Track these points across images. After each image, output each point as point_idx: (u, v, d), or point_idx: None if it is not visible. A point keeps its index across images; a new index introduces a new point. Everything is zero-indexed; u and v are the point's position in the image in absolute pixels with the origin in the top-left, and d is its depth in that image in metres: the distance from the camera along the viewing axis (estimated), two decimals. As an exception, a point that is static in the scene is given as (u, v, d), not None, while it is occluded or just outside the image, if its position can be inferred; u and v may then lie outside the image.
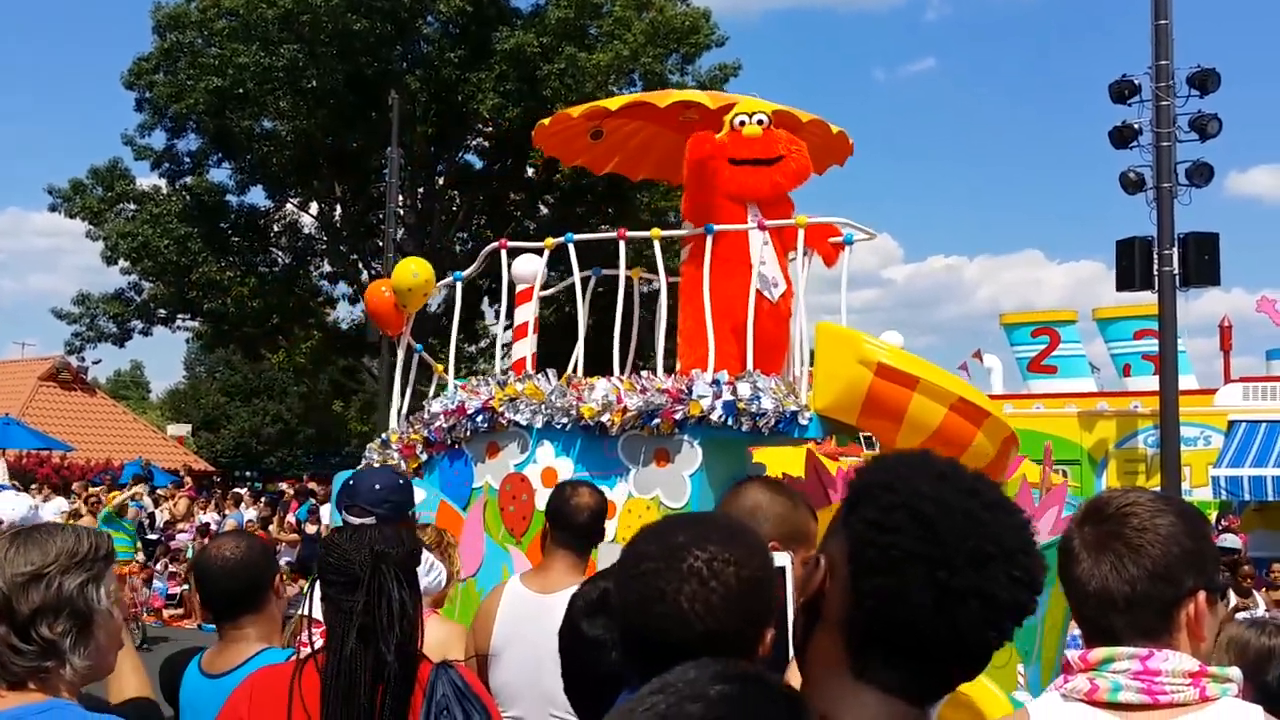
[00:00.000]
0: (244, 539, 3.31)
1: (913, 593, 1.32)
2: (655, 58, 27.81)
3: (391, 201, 24.53)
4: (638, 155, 8.15)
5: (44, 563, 2.22)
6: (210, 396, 52.67)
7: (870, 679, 1.36)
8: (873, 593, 1.34)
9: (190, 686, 3.25)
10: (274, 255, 31.55)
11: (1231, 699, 1.86)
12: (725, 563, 1.64)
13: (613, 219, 28.93)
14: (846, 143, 7.43)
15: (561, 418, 6.12)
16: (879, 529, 1.35)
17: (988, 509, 1.36)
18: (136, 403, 56.70)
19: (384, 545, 2.64)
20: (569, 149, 7.99)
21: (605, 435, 6.01)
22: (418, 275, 7.23)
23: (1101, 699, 1.83)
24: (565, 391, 6.23)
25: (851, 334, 5.75)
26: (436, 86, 27.83)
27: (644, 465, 5.90)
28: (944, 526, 1.33)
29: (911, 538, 1.33)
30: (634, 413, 5.90)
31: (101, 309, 30.29)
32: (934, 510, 1.34)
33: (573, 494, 3.85)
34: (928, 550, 1.32)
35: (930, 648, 1.34)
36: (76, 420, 34.15)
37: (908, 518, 1.34)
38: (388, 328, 7.54)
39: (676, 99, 7.16)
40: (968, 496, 1.36)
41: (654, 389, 5.94)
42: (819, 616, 1.42)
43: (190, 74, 27.86)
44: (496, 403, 6.34)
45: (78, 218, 29.46)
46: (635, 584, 1.66)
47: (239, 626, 3.19)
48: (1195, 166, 16.41)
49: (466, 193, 30.81)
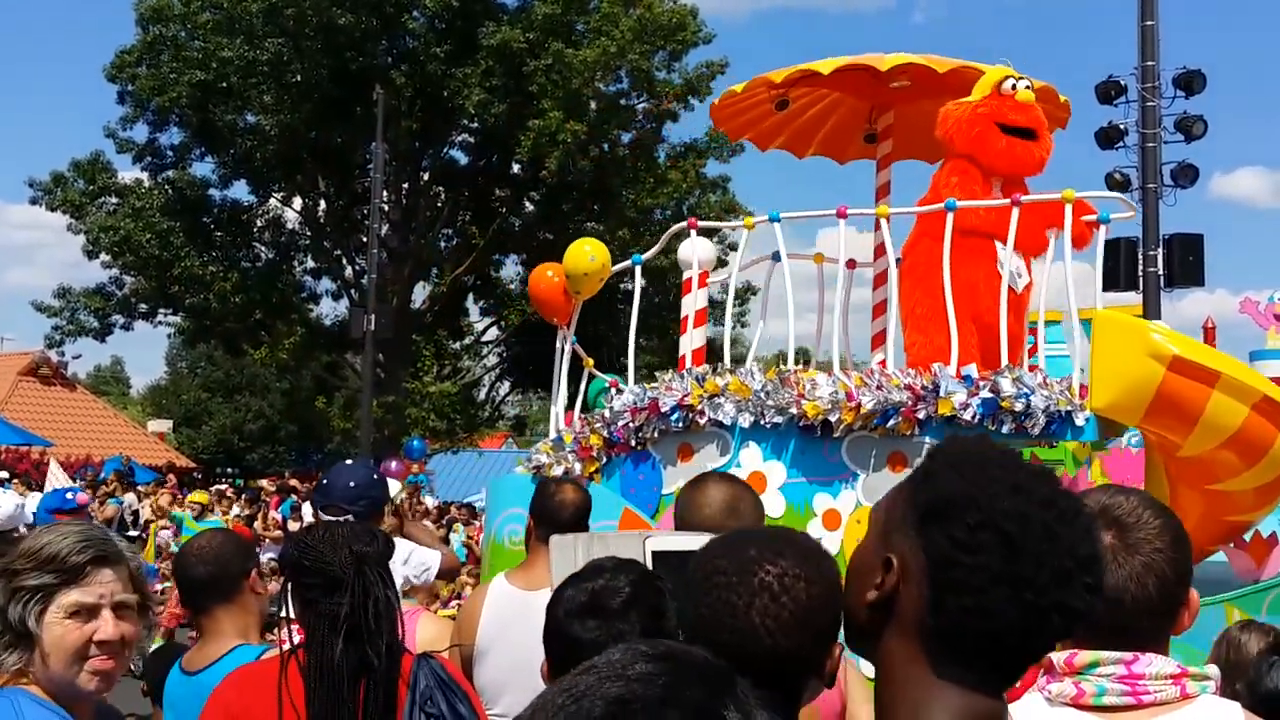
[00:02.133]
0: (221, 533, 3.33)
1: (999, 612, 1.36)
2: (642, 54, 27.77)
3: (376, 197, 24.46)
4: (809, 130, 7.57)
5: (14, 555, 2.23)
6: (192, 392, 52.44)
7: (951, 677, 1.39)
8: (957, 608, 1.38)
9: (170, 684, 3.23)
10: (257, 250, 31.42)
11: (1210, 696, 1.90)
12: (796, 578, 1.67)
13: (598, 216, 28.93)
14: (1067, 111, 6.87)
15: (775, 416, 5.49)
16: (964, 549, 1.37)
17: (1063, 520, 1.38)
18: (117, 398, 56.46)
19: (362, 545, 2.61)
20: (745, 122, 7.36)
21: (827, 436, 5.41)
22: (594, 259, 6.55)
23: (1087, 703, 1.86)
24: (778, 387, 5.55)
25: (1136, 324, 5.20)
26: (422, 82, 27.76)
27: (875, 470, 5.31)
28: (1029, 547, 1.36)
29: (999, 559, 1.35)
30: (868, 411, 5.28)
31: (82, 303, 30.13)
32: (1018, 530, 1.36)
33: (557, 491, 3.82)
34: (1014, 571, 1.35)
35: (1011, 653, 1.40)
36: (56, 416, 33.95)
37: (994, 539, 1.36)
38: (553, 315, 6.89)
39: (896, 63, 6.43)
40: (1045, 509, 1.38)
41: (891, 385, 5.31)
42: (892, 614, 1.44)
43: (173, 67, 27.75)
44: (695, 400, 5.69)
45: (59, 211, 29.29)
46: (707, 597, 1.68)
47: (213, 618, 3.18)
48: (1180, 167, 16.47)
49: (451, 189, 30.75)
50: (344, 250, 31.04)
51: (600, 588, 2.08)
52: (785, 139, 7.65)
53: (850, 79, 6.71)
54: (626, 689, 0.90)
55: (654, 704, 0.89)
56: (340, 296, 31.93)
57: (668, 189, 28.84)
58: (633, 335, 7.15)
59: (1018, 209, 5.66)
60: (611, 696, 0.89)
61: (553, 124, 26.21)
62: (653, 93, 29.30)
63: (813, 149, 7.76)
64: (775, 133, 7.58)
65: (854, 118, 7.41)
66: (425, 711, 2.56)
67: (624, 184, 28.81)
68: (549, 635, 2.13)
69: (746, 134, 7.52)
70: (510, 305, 30.33)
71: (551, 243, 30.08)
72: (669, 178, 29.00)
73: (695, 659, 0.97)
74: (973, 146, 5.95)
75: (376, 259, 24.69)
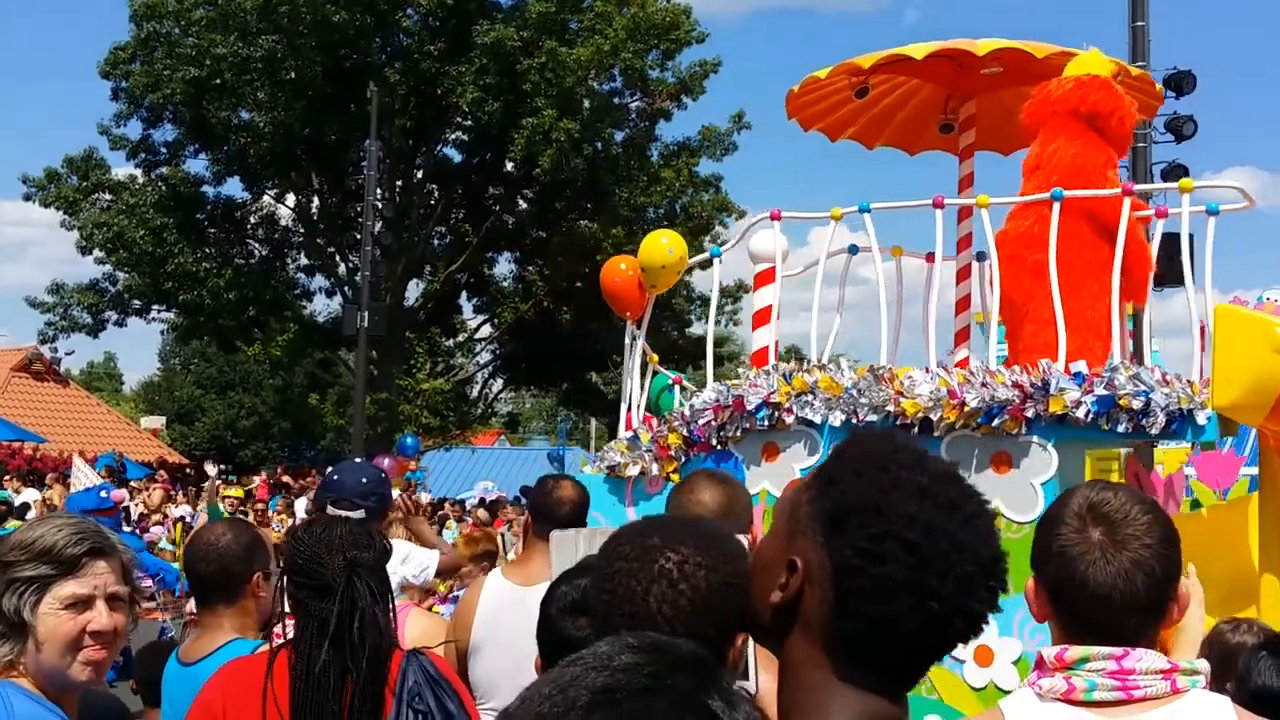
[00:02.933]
0: (233, 529, 3.27)
1: (903, 619, 1.35)
2: (636, 53, 27.78)
3: (370, 194, 24.44)
4: (882, 120, 7.34)
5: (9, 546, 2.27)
6: (185, 389, 52.32)
7: (852, 680, 1.39)
8: (861, 615, 1.37)
9: (168, 674, 3.26)
10: (250, 247, 31.35)
11: (1200, 690, 1.91)
12: (697, 566, 1.64)
13: (592, 214, 28.94)
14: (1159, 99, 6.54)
15: (869, 414, 5.24)
16: (869, 558, 1.36)
17: (967, 526, 1.38)
18: (110, 395, 56.32)
19: (357, 550, 2.62)
20: (818, 112, 7.11)
21: (924, 436, 5.13)
22: (673, 251, 6.21)
23: (1078, 698, 1.86)
24: (872, 384, 5.28)
25: (1261, 318, 4.82)
26: (416, 79, 27.74)
27: (977, 471, 5.05)
28: (933, 556, 1.35)
29: (903, 569, 1.34)
30: (972, 410, 5.03)
31: (76, 299, 30.05)
32: (923, 540, 1.35)
33: (555, 487, 3.86)
34: (919, 580, 1.34)
35: (913, 657, 1.40)
36: (49, 412, 33.90)
37: (898, 548, 1.35)
38: (626, 309, 6.53)
39: (992, 47, 6.17)
40: (949, 514, 1.37)
41: (996, 382, 5.04)
42: (795, 616, 1.43)
43: (167, 64, 27.69)
44: (782, 397, 5.43)
45: (52, 207, 29.21)
46: (608, 583, 1.67)
47: (215, 613, 3.19)
48: (1170, 168, 16.52)
49: (445, 186, 30.72)
50: (337, 247, 31.00)
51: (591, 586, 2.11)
52: (857, 129, 7.45)
53: (933, 66, 6.51)
54: (612, 679, 0.91)
55: (640, 693, 0.90)
56: (334, 293, 31.92)
57: (661, 187, 28.86)
58: (710, 330, 6.86)
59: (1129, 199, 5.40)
60: (597, 686, 0.90)
61: (546, 122, 26.21)
62: (646, 91, 29.32)
63: (883, 139, 7.58)
64: (848, 122, 7.38)
65: (929, 107, 7.23)
66: (413, 708, 2.56)
67: (617, 182, 28.81)
68: (541, 631, 2.16)
69: (818, 124, 7.29)
70: (503, 303, 30.34)
71: (545, 241, 30.10)
72: (662, 176, 29.01)
73: (680, 650, 0.98)
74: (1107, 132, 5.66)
75: (370, 256, 24.66)
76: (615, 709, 0.87)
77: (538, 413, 63.06)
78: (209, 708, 2.64)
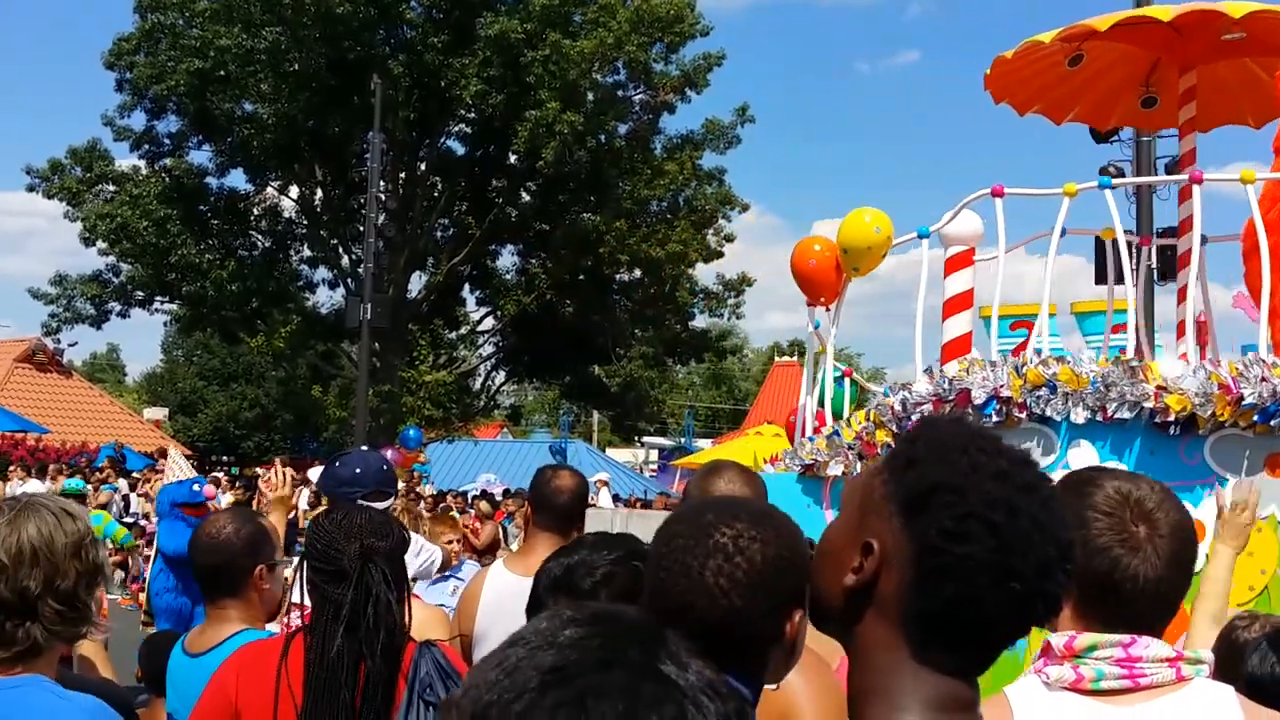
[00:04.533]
0: (235, 520, 3.25)
1: (986, 601, 1.36)
2: (640, 46, 27.76)
3: (373, 187, 24.43)
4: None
5: (85, 531, 2.28)
6: (188, 380, 52.37)
7: (930, 662, 1.39)
8: (944, 596, 1.37)
9: (173, 666, 3.26)
10: (254, 239, 31.39)
11: (1205, 679, 1.91)
12: (752, 540, 1.68)
13: (595, 207, 28.93)
14: None
15: (1121, 410, 4.81)
16: (952, 538, 1.36)
17: (1044, 507, 1.39)
18: (113, 386, 56.39)
19: (375, 538, 2.64)
20: (1028, 90, 6.76)
21: (1187, 434, 4.72)
22: (879, 230, 5.79)
23: (1085, 687, 1.87)
24: (1123, 377, 4.84)
25: None
26: (419, 72, 27.73)
27: (1248, 472, 4.62)
28: (1015, 537, 1.36)
29: (985, 549, 1.35)
30: (1248, 406, 4.59)
31: (79, 290, 30.07)
32: (1005, 520, 1.36)
33: (554, 477, 3.89)
34: (1001, 561, 1.35)
35: (992, 639, 1.40)
36: (52, 402, 33.92)
37: (981, 529, 1.36)
38: (819, 295, 6.07)
39: (1247, 10, 5.74)
40: (1028, 496, 1.38)
41: (1277, 376, 4.60)
42: (869, 599, 1.43)
43: (171, 55, 27.69)
44: (1015, 391, 5.04)
45: (56, 198, 29.23)
46: (665, 561, 1.69)
47: (220, 606, 3.19)
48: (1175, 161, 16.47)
49: (448, 179, 30.72)
50: (340, 239, 31.02)
51: (575, 564, 2.08)
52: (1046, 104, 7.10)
53: (1150, 33, 6.14)
54: (561, 656, 0.88)
55: (592, 667, 0.87)
56: (336, 285, 31.94)
57: (664, 181, 28.85)
58: (919, 316, 6.19)
59: None
60: (547, 666, 0.87)
61: (550, 115, 26.20)
62: (650, 84, 29.31)
63: (1074, 115, 7.23)
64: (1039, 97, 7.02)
65: (1129, 81, 6.89)
66: (424, 699, 2.57)
67: (620, 175, 28.81)
68: (529, 608, 2.18)
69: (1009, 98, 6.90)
70: (506, 295, 30.34)
71: (548, 233, 30.11)
72: (666, 169, 29.00)
73: (625, 617, 0.96)
74: None
75: (373, 248, 24.67)
76: (569, 687, 0.84)
77: (540, 405, 63.10)
78: (223, 688, 2.66)
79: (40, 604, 2.19)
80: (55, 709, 2.14)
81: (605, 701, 0.84)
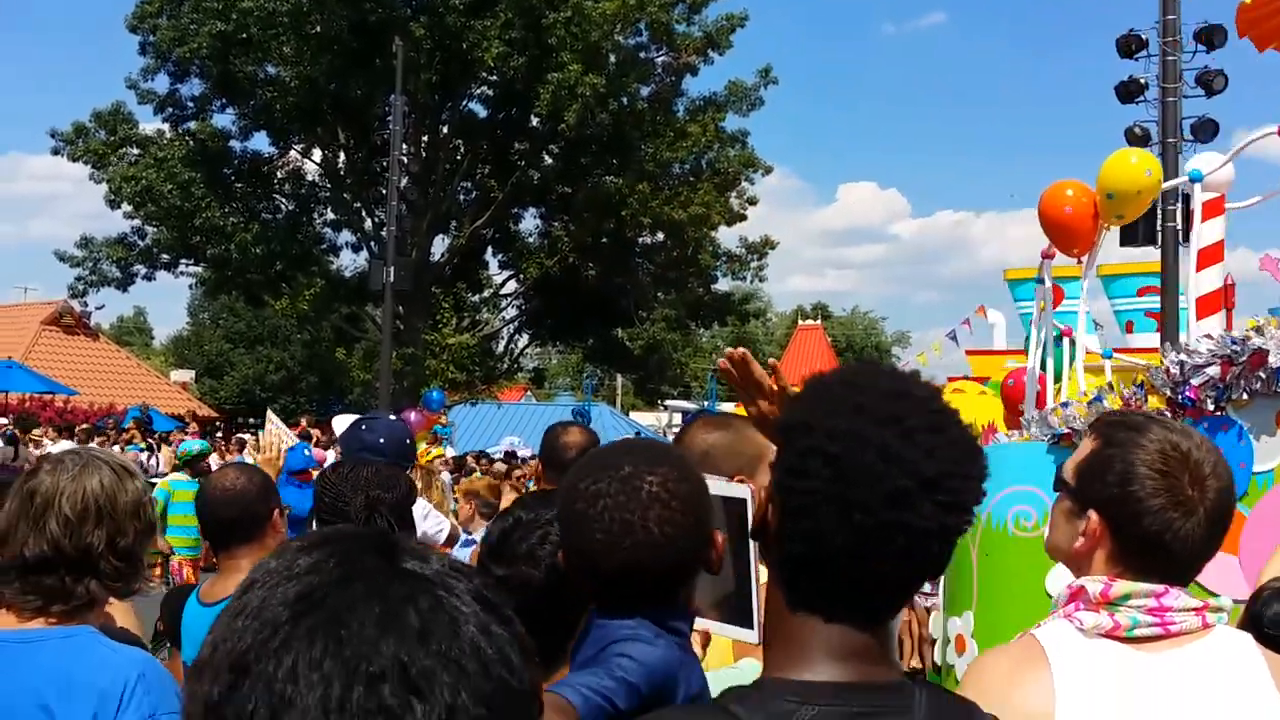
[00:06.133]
0: (245, 471, 3.36)
1: (831, 535, 1.32)
2: (662, 7, 27.58)
3: (395, 150, 24.42)
4: None
5: (144, 489, 2.37)
6: (214, 343, 52.74)
7: (810, 607, 1.36)
8: (796, 535, 1.35)
9: (188, 616, 3.33)
10: (277, 202, 31.48)
11: (1225, 626, 1.96)
12: (675, 480, 1.69)
13: (617, 169, 28.85)
14: None
15: None
16: (794, 474, 1.35)
17: (906, 438, 1.32)
18: (140, 349, 56.82)
19: (380, 489, 2.68)
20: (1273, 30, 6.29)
21: None
22: (1150, 173, 5.28)
23: (1120, 635, 1.90)
24: None
25: None
26: (441, 34, 27.62)
27: None
28: (855, 469, 1.31)
29: (823, 481, 1.32)
30: None
31: (105, 253, 30.26)
32: (844, 451, 1.32)
33: (562, 433, 3.94)
34: (841, 493, 1.31)
35: (861, 580, 1.34)
36: (79, 365, 34.27)
37: (819, 462, 1.33)
38: (1072, 245, 5.60)
39: None
40: (885, 427, 1.33)
41: None
42: (767, 547, 1.43)
43: (194, 18, 27.68)
44: None
45: (81, 161, 29.37)
46: (599, 524, 1.67)
47: (233, 556, 3.25)
48: (1200, 122, 16.33)
49: (470, 142, 30.68)
50: (363, 203, 31.06)
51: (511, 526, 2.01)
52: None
53: None
54: (301, 585, 0.86)
55: (336, 584, 0.85)
56: (360, 249, 32.04)
57: (687, 143, 28.73)
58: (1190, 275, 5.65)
59: None
60: (291, 597, 0.85)
61: (572, 77, 26.10)
62: (672, 46, 29.13)
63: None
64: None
65: None
66: None
67: (643, 138, 28.69)
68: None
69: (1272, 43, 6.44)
70: (529, 258, 30.36)
71: (570, 196, 30.06)
72: (688, 132, 28.87)
73: (351, 533, 0.94)
74: None
75: (396, 211, 24.69)
76: (320, 610, 0.83)
77: (564, 369, 63.25)
78: None
79: (102, 560, 2.25)
80: (108, 660, 2.19)
81: (359, 612, 0.83)
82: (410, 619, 0.84)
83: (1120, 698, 1.86)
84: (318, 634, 0.82)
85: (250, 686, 0.82)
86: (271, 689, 0.81)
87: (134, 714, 2.14)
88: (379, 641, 0.82)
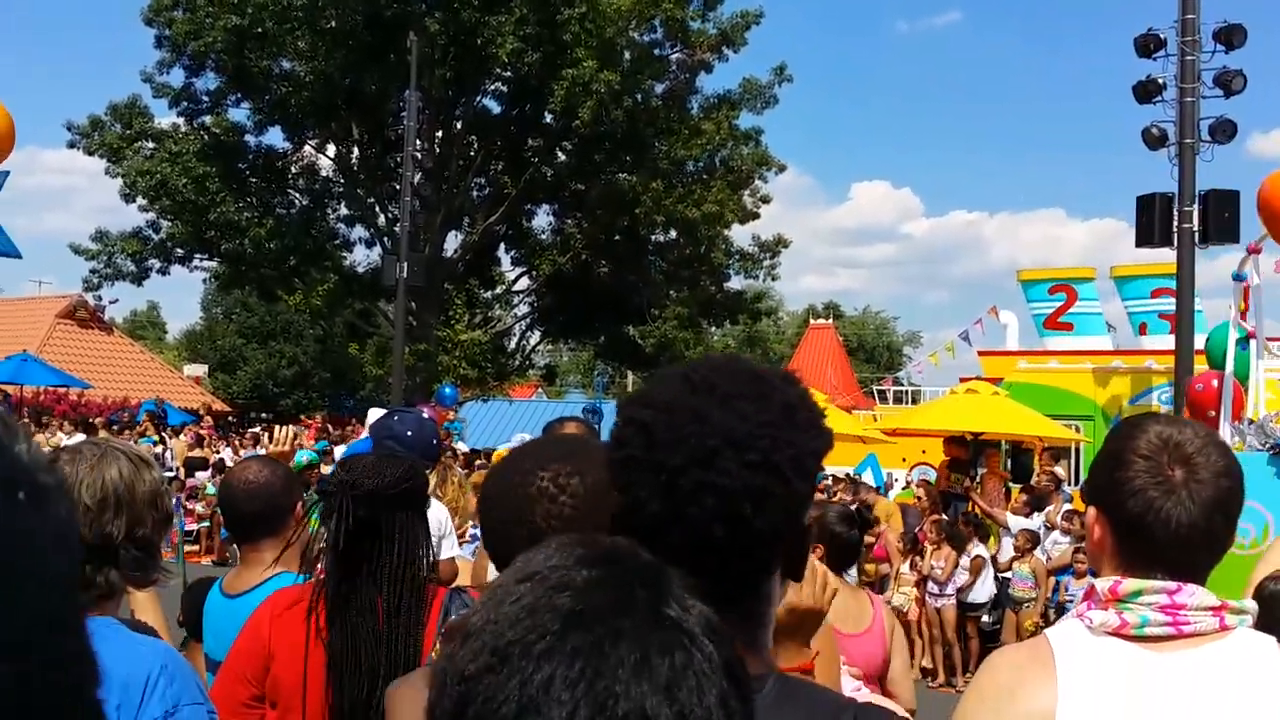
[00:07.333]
0: (267, 465, 3.37)
1: (646, 501, 1.33)
2: (677, 3, 27.57)
3: (409, 145, 24.46)
4: None
5: (161, 479, 2.38)
6: (227, 338, 52.87)
7: None
8: (624, 508, 1.37)
9: (211, 606, 3.34)
10: (291, 197, 31.55)
11: (1248, 629, 1.90)
12: (570, 475, 1.75)
13: (631, 167, 28.85)
14: None
15: None
16: (614, 444, 1.39)
17: (722, 403, 1.34)
18: (153, 343, 56.97)
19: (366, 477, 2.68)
20: None
21: None
22: None
23: (1129, 633, 1.86)
24: None
25: None
26: (455, 29, 27.64)
27: None
28: (665, 433, 1.33)
29: (634, 448, 1.35)
30: None
31: (119, 247, 30.32)
32: (654, 418, 1.35)
33: (559, 427, 3.96)
34: (648, 456, 1.33)
35: (680, 548, 1.27)
36: (94, 358, 34.38)
37: (632, 430, 1.36)
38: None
39: None
40: (701, 395, 1.35)
41: None
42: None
43: (209, 12, 27.74)
44: None
45: (96, 155, 29.45)
46: (495, 513, 1.77)
47: (258, 549, 3.27)
48: (1218, 123, 16.26)
49: (484, 138, 30.70)
50: (377, 198, 31.11)
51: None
52: None
53: None
54: (577, 599, 0.89)
55: (607, 613, 0.88)
56: (373, 244, 32.05)
57: (701, 140, 28.72)
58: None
59: None
60: (565, 610, 0.88)
61: (586, 74, 26.10)
62: (687, 43, 29.12)
63: None
64: None
65: None
66: None
67: (657, 135, 28.70)
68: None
69: None
70: (541, 255, 30.38)
71: (583, 193, 30.07)
72: (702, 129, 28.86)
73: (632, 558, 0.96)
74: None
75: (409, 207, 24.73)
76: (588, 633, 0.86)
77: (575, 366, 63.28)
78: (258, 632, 2.74)
79: (121, 550, 2.26)
80: (130, 651, 2.19)
81: (621, 649, 0.86)
82: (662, 669, 0.86)
83: (1128, 698, 1.83)
84: (579, 657, 0.85)
85: (506, 677, 0.85)
86: (524, 690, 0.85)
87: (158, 705, 2.14)
88: (631, 684, 0.84)
